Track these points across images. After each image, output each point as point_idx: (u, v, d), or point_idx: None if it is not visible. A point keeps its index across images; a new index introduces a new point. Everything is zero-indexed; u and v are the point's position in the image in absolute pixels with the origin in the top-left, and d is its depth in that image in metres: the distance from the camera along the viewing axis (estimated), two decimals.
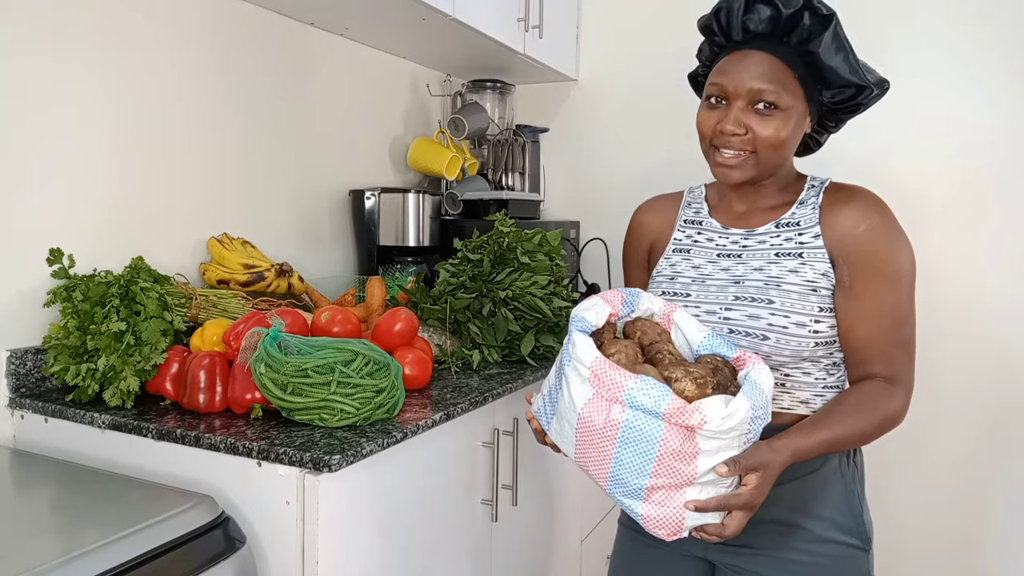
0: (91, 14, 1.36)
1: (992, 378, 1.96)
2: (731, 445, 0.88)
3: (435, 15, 1.70)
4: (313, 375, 1.10)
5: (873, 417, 0.99)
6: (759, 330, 1.03)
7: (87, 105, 1.37)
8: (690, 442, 0.86)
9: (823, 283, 1.02)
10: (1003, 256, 1.94)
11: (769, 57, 1.00)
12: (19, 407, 1.25)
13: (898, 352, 1.02)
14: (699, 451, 0.86)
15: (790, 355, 1.03)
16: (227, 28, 1.64)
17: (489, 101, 2.30)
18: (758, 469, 0.90)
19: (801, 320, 1.01)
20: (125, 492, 1.00)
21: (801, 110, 1.02)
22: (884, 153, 2.01)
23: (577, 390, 0.92)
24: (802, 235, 1.05)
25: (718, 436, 0.85)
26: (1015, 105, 1.90)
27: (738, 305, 1.05)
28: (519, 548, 1.55)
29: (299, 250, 1.87)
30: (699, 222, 1.16)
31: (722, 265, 1.10)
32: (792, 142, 1.03)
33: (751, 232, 1.10)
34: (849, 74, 1.00)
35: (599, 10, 2.39)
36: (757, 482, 0.90)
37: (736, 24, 1.02)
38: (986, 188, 1.94)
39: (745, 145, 1.02)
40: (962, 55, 1.94)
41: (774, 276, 1.04)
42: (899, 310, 1.02)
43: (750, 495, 0.89)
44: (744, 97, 1.01)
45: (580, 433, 0.92)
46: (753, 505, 0.90)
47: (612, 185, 2.41)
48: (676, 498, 0.89)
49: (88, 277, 1.28)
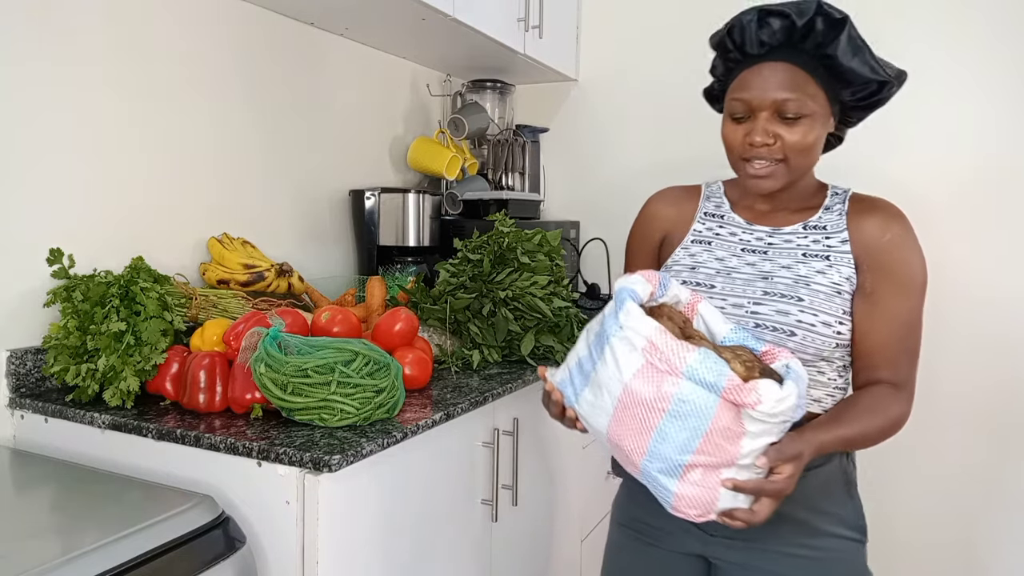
0: (91, 16, 1.36)
1: (994, 380, 1.97)
2: (773, 431, 0.88)
3: (435, 15, 1.70)
4: (313, 375, 1.10)
5: (882, 421, 1.02)
6: (787, 326, 1.04)
7: (87, 105, 1.37)
8: (738, 422, 0.87)
9: (846, 287, 1.05)
10: (1008, 256, 1.94)
11: (788, 66, 1.01)
12: (19, 407, 1.25)
13: (905, 359, 1.05)
14: (745, 432, 0.87)
15: (813, 353, 1.04)
16: (227, 28, 1.64)
17: (489, 101, 2.30)
18: (794, 460, 0.91)
19: (828, 320, 1.04)
20: (125, 492, 1.00)
21: (825, 112, 1.03)
22: (887, 152, 2.01)
23: (626, 359, 0.90)
24: (829, 239, 1.08)
25: (765, 419, 0.86)
26: (1018, 104, 1.90)
27: (767, 300, 1.06)
28: (519, 548, 1.55)
29: (299, 250, 1.87)
30: (720, 216, 1.16)
31: (747, 260, 1.11)
32: (819, 145, 1.05)
33: (777, 230, 1.11)
34: (870, 73, 1.01)
35: (599, 10, 2.39)
36: (791, 471, 0.90)
37: (752, 39, 1.02)
38: (989, 188, 1.94)
39: (775, 154, 1.03)
40: (965, 53, 1.94)
41: (803, 275, 1.06)
42: (911, 318, 1.05)
43: (784, 483, 0.90)
44: (769, 108, 1.02)
45: (622, 404, 0.91)
46: (784, 494, 0.91)
47: (612, 185, 2.41)
48: (712, 478, 0.89)
49: (88, 277, 1.28)
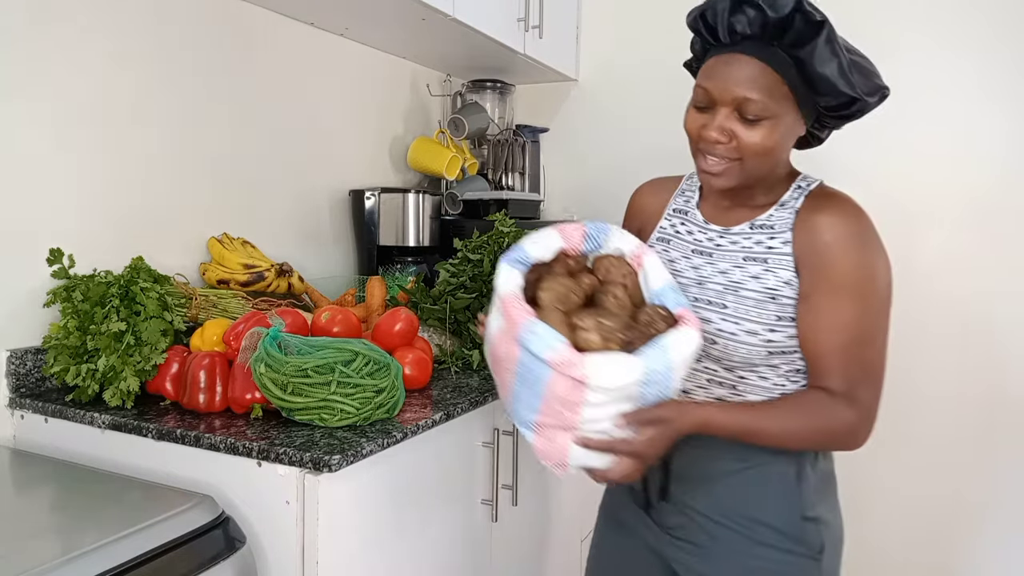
0: (91, 14, 1.36)
1: (983, 386, 1.96)
2: (619, 402, 0.88)
3: (435, 15, 1.70)
4: (313, 375, 1.10)
5: (809, 423, 0.97)
6: (708, 334, 1.01)
7: (87, 105, 1.37)
8: (577, 391, 0.86)
9: (785, 291, 0.99)
10: (1000, 262, 1.93)
11: (757, 62, 0.94)
12: (19, 407, 1.25)
13: (855, 371, 0.97)
14: (584, 402, 0.87)
15: (740, 361, 1.01)
16: (228, 28, 1.64)
17: (489, 101, 2.30)
18: (656, 424, 0.90)
19: (753, 328, 0.99)
20: (125, 492, 1.00)
21: (791, 116, 0.97)
22: (880, 155, 2.01)
23: (493, 317, 0.95)
24: (773, 239, 1.01)
25: (603, 392, 0.86)
26: (1016, 106, 1.90)
27: (696, 307, 1.03)
28: (519, 548, 1.55)
29: (299, 250, 1.87)
30: (685, 212, 1.13)
31: (693, 262, 1.08)
32: (782, 148, 1.00)
33: (727, 231, 1.06)
34: (844, 86, 0.94)
35: (599, 10, 2.39)
36: (651, 435, 0.90)
37: (723, 26, 0.96)
38: (985, 193, 1.94)
39: (729, 153, 0.97)
40: (963, 58, 1.94)
41: (735, 280, 1.02)
42: (860, 328, 0.96)
43: (639, 445, 0.90)
44: (730, 104, 0.95)
45: (494, 358, 0.96)
46: (642, 456, 0.91)
47: (612, 185, 2.40)
48: (562, 437, 0.91)
49: (88, 277, 1.28)
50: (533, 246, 0.99)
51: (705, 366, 1.05)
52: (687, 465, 1.07)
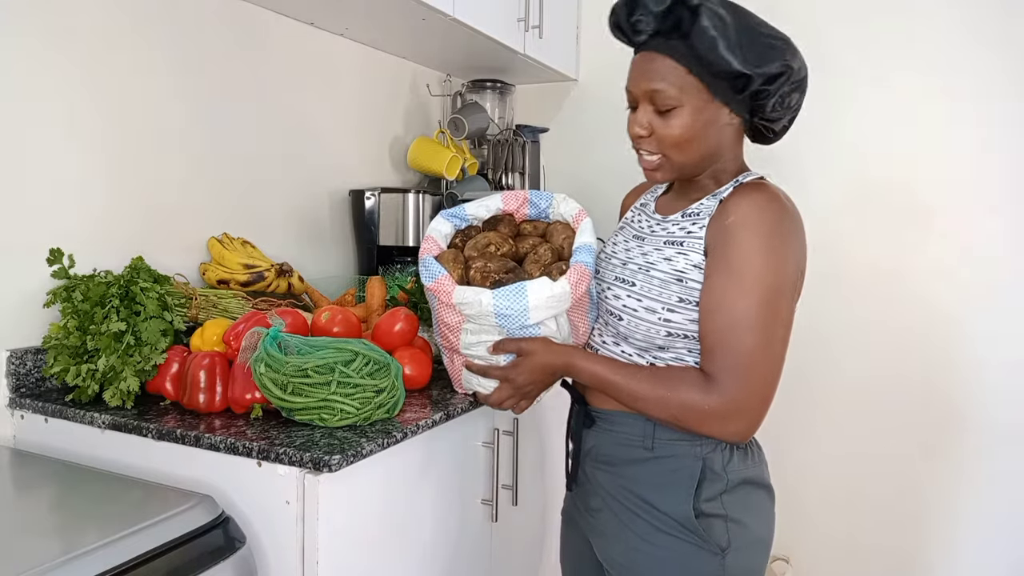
0: (91, 14, 1.36)
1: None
2: (489, 332, 1.05)
3: (435, 15, 1.70)
4: (313, 375, 1.10)
5: (663, 393, 0.98)
6: (616, 310, 1.07)
7: (87, 105, 1.37)
8: (457, 318, 1.06)
9: (693, 274, 1.00)
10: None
11: (660, 56, 0.99)
12: (19, 407, 1.25)
13: (726, 356, 0.96)
14: (462, 328, 1.07)
15: (642, 339, 1.05)
16: (228, 28, 1.64)
17: (489, 101, 2.30)
18: (522, 354, 1.05)
19: (652, 307, 1.02)
20: (125, 492, 1.00)
21: (708, 105, 0.99)
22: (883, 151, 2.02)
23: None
24: (694, 225, 1.04)
25: (471, 320, 1.05)
26: (1002, 105, 1.90)
27: (613, 284, 1.09)
28: (519, 548, 1.55)
29: (299, 250, 1.87)
30: (645, 205, 1.18)
31: (628, 245, 1.12)
32: (704, 138, 1.01)
33: (664, 219, 1.10)
34: (735, 63, 0.94)
35: (599, 10, 2.38)
36: (515, 362, 1.06)
37: (628, 27, 1.02)
38: (969, 192, 1.94)
39: (652, 146, 1.03)
40: (953, 55, 1.94)
41: (650, 261, 1.05)
42: (741, 314, 0.95)
43: (507, 370, 1.07)
44: (644, 99, 1.02)
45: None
46: (512, 381, 1.07)
47: (612, 185, 2.40)
48: (458, 361, 1.13)
49: (88, 277, 1.28)
50: (472, 206, 1.19)
51: (622, 350, 1.09)
52: (599, 446, 1.13)
